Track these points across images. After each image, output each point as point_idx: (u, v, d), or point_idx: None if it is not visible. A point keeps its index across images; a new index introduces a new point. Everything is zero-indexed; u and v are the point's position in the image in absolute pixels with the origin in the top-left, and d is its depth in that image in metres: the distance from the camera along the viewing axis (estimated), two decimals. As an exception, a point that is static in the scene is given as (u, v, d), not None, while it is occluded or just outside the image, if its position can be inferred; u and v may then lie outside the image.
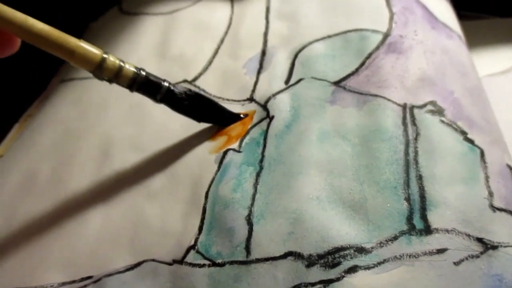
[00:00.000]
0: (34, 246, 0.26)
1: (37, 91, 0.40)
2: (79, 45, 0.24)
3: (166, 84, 0.27)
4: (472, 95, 0.27)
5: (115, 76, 0.25)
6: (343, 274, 0.20)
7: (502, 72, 0.33)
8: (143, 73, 0.26)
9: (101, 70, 0.24)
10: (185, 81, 0.33)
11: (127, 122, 0.31)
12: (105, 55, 0.24)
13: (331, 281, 0.20)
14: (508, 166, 0.24)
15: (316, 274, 0.20)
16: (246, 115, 0.29)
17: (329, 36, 0.31)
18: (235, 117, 0.29)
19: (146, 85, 0.26)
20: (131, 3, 0.42)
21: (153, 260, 0.24)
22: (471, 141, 0.24)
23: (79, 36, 0.44)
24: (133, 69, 0.25)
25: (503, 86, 0.33)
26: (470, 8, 0.38)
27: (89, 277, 0.24)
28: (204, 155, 0.27)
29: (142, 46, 0.37)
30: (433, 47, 0.29)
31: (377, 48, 0.29)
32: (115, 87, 0.34)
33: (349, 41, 0.30)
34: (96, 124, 0.32)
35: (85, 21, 0.45)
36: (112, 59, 0.25)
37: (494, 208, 0.22)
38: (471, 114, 0.26)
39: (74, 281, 0.24)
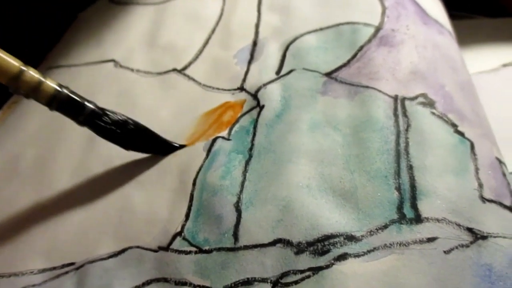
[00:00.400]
0: (15, 233, 0.26)
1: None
2: None
3: (90, 106, 0.25)
4: (463, 90, 0.28)
5: (33, 90, 0.23)
6: (332, 261, 0.20)
7: (491, 70, 0.34)
8: (66, 91, 0.24)
9: (17, 83, 0.23)
10: (174, 69, 0.33)
11: (115, 109, 0.31)
12: (23, 68, 0.23)
13: (320, 268, 0.20)
14: (497, 159, 0.24)
15: (305, 261, 0.20)
16: (183, 145, 0.27)
17: (321, 29, 0.31)
18: (171, 148, 0.27)
19: (67, 104, 0.24)
20: (122, -8, 0.42)
21: (138, 247, 0.23)
22: (461, 134, 0.24)
23: (67, 26, 0.43)
24: (54, 85, 0.24)
25: (492, 84, 0.33)
26: (461, 8, 0.38)
27: (72, 264, 0.23)
28: (192, 143, 0.27)
29: (132, 35, 0.36)
30: (424, 42, 0.29)
31: (369, 41, 0.29)
32: (102, 74, 0.34)
33: (341, 33, 0.30)
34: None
35: (73, 11, 0.44)
36: (31, 73, 0.23)
37: (484, 199, 0.22)
38: (461, 107, 0.26)
39: (55, 268, 0.23)
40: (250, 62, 0.31)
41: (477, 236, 0.20)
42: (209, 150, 0.26)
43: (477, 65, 0.34)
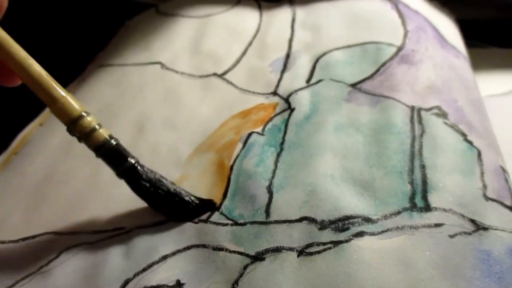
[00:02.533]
0: (72, 199, 0.29)
1: (73, 75, 0.44)
2: (63, 96, 0.25)
3: (132, 161, 0.26)
4: (474, 106, 0.31)
5: (86, 135, 0.25)
6: (351, 237, 0.23)
7: (502, 94, 0.37)
8: (114, 142, 0.26)
9: (75, 126, 0.25)
10: (215, 74, 0.37)
11: (162, 104, 0.35)
12: (84, 114, 0.25)
13: (340, 242, 0.23)
14: (501, 167, 0.27)
15: (328, 235, 0.23)
16: (214, 203, 0.27)
17: (349, 46, 0.35)
18: (201, 210, 0.27)
19: (112, 155, 0.26)
20: (168, 6, 0.46)
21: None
22: (470, 142, 0.28)
23: (115, 31, 0.48)
24: (105, 135, 0.25)
25: (502, 106, 0.36)
26: (477, 38, 0.42)
27: (121, 228, 0.27)
28: (231, 136, 0.31)
29: (177, 42, 0.41)
30: (441, 63, 0.33)
31: (391, 58, 0.33)
32: (150, 74, 0.38)
33: (367, 51, 0.34)
34: (133, 104, 0.35)
35: (121, 19, 0.49)
36: (89, 119, 0.25)
37: (487, 198, 0.25)
38: (471, 120, 0.29)
39: (107, 230, 0.27)
40: (283, 71, 0.35)
41: (479, 226, 0.23)
42: (245, 142, 0.30)
43: (489, 89, 0.37)
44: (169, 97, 0.35)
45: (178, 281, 0.23)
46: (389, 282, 0.21)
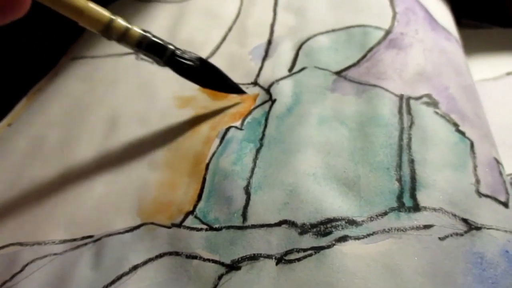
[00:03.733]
0: (39, 207, 0.27)
1: (47, 69, 0.42)
2: (88, 5, 0.25)
3: (171, 47, 0.28)
4: (466, 93, 0.29)
5: (122, 36, 0.26)
6: (333, 242, 0.21)
7: (494, 78, 0.35)
8: (149, 35, 0.27)
9: (108, 31, 0.26)
10: (192, 64, 0.34)
11: (135, 98, 0.33)
12: (113, 17, 0.26)
13: (322, 248, 0.21)
14: (495, 159, 0.25)
15: (308, 241, 0.21)
16: (244, 92, 0.30)
17: (334, 30, 0.33)
18: (239, 89, 0.30)
19: (152, 46, 0.27)
20: (144, -10, 0.44)
21: (152, 223, 0.25)
22: (462, 133, 0.26)
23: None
24: (140, 31, 0.27)
25: (495, 91, 0.34)
26: (470, 17, 0.40)
27: (90, 236, 0.25)
28: (207, 132, 0.29)
29: (154, 31, 0.38)
30: (431, 47, 0.31)
31: (379, 43, 0.31)
32: (123, 66, 0.36)
33: (352, 35, 0.32)
34: (105, 99, 0.33)
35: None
36: (119, 21, 0.26)
37: (480, 194, 0.23)
38: (464, 109, 0.27)
39: (75, 239, 0.25)
40: (264, 59, 0.33)
41: (471, 226, 0.21)
42: (222, 138, 0.28)
43: (482, 72, 0.35)
44: (143, 90, 0.33)
45: (148, 294, 0.22)
46: (374, 293, 0.19)
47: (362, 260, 0.20)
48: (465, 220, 0.22)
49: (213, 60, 0.34)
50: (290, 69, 0.31)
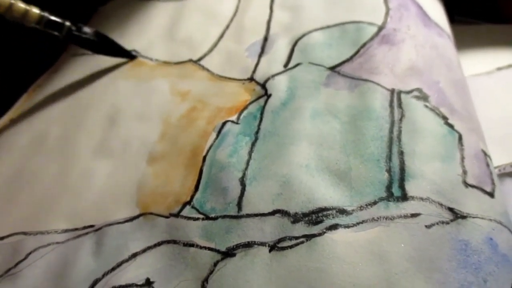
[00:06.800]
0: (41, 198, 0.28)
1: (47, 65, 0.42)
2: None
3: (67, 23, 0.34)
4: (456, 87, 0.30)
5: (24, 16, 0.31)
6: (324, 230, 0.22)
7: (486, 73, 0.36)
8: (47, 14, 0.33)
9: (11, 12, 0.31)
10: (190, 60, 0.35)
11: (134, 95, 0.34)
12: (12, 1, 0.31)
13: (313, 235, 0.22)
14: (483, 151, 0.26)
15: (300, 229, 0.22)
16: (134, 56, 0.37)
17: (328, 27, 0.34)
18: (128, 54, 0.37)
19: (51, 23, 0.33)
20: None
21: (151, 213, 0.26)
22: (451, 126, 0.27)
23: (88, 18, 0.46)
24: (38, 11, 0.32)
25: (486, 86, 0.35)
26: (463, 14, 0.40)
27: (91, 226, 0.26)
28: (203, 125, 0.29)
29: (152, 29, 0.39)
30: (423, 42, 0.31)
31: (372, 39, 0.31)
32: (125, 63, 0.37)
33: (346, 31, 0.33)
34: (105, 95, 0.34)
35: (94, 5, 0.47)
36: (19, 4, 0.31)
37: (466, 184, 0.24)
38: (453, 103, 0.28)
39: (76, 229, 0.26)
40: (260, 55, 0.34)
41: (457, 215, 0.22)
42: (219, 132, 0.28)
43: (474, 68, 0.36)
44: (142, 87, 0.34)
45: (147, 280, 0.23)
46: (362, 277, 0.20)
47: (351, 247, 0.21)
48: (451, 209, 0.22)
49: (210, 57, 0.35)
50: (286, 65, 0.32)
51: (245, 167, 0.26)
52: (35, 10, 0.32)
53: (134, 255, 0.24)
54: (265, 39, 0.35)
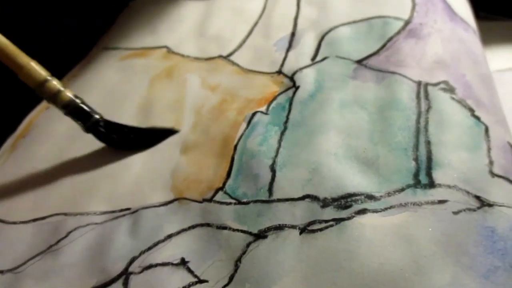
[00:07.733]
0: (81, 183, 0.30)
1: (78, 58, 0.44)
2: (29, 63, 0.28)
3: (97, 116, 0.30)
4: (482, 81, 0.30)
5: (53, 96, 0.29)
6: (353, 214, 0.23)
7: (510, 68, 0.36)
8: (79, 101, 0.30)
9: (42, 89, 0.29)
10: (220, 56, 0.36)
11: (167, 88, 0.35)
12: (49, 78, 0.29)
13: (342, 219, 0.23)
14: (509, 143, 0.26)
15: (330, 213, 0.23)
16: (176, 131, 0.31)
17: (355, 22, 0.34)
18: (166, 133, 0.31)
19: (79, 112, 0.30)
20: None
21: (185, 198, 0.27)
22: (477, 118, 0.27)
23: (118, 13, 0.47)
24: (71, 95, 0.29)
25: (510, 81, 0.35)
26: (487, 10, 0.41)
27: (128, 209, 0.27)
28: (234, 116, 0.31)
29: (183, 26, 0.40)
30: (449, 36, 0.32)
31: (398, 33, 0.32)
32: (157, 58, 0.38)
33: (373, 26, 0.33)
34: (139, 88, 0.36)
35: (125, 0, 0.49)
36: (54, 83, 0.29)
37: (493, 174, 0.24)
38: (479, 96, 0.29)
39: (114, 211, 0.27)
40: (288, 49, 0.35)
41: (483, 203, 0.23)
42: (249, 122, 0.30)
43: (498, 63, 0.36)
44: (174, 81, 0.35)
45: (182, 259, 0.24)
46: (390, 259, 0.21)
47: (380, 230, 0.22)
48: (478, 197, 0.23)
49: (240, 53, 0.36)
50: (313, 59, 0.33)
51: (275, 155, 0.27)
52: (68, 93, 0.29)
53: (170, 236, 0.25)
54: (293, 34, 0.36)
